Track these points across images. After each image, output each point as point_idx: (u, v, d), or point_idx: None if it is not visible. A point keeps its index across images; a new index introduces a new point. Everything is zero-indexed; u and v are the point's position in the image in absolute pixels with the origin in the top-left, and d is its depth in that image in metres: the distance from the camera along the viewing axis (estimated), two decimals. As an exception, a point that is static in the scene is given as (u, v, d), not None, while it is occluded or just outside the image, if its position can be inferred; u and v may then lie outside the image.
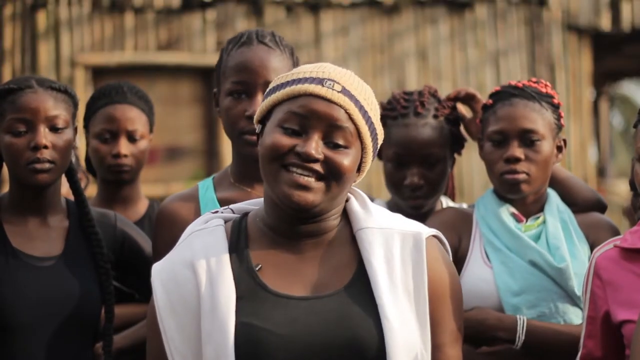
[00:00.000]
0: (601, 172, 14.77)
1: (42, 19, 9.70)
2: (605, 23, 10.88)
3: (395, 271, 1.98)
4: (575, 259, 2.83)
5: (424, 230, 2.05)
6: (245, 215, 2.11)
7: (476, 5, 10.61)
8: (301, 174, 1.95)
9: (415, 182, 3.05)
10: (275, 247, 2.03)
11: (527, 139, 2.85)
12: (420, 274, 1.99)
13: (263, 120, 2.06)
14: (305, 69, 2.04)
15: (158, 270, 2.03)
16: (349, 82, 2.02)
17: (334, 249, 2.04)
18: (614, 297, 2.36)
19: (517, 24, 10.74)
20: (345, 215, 2.08)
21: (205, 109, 9.89)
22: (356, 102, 2.00)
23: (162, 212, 2.64)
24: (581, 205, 3.00)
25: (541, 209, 2.94)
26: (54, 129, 2.71)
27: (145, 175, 3.86)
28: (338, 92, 1.99)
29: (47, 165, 2.68)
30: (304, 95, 1.99)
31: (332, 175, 1.97)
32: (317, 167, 1.96)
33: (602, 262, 2.42)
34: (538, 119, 2.86)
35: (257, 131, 2.07)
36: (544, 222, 2.91)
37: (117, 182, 3.47)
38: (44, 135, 2.68)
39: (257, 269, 2.00)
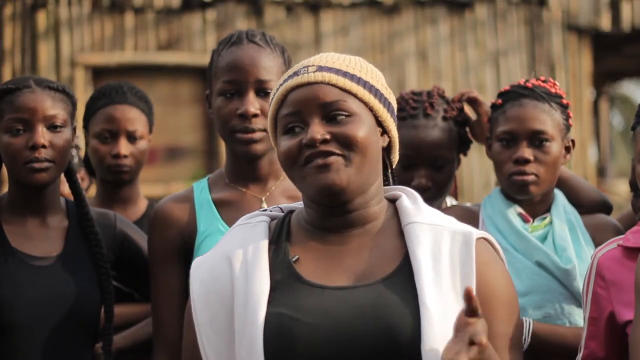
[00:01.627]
0: (601, 172, 14.77)
1: (42, 19, 9.70)
2: (605, 23, 10.89)
3: (442, 267, 1.92)
4: (582, 260, 2.82)
5: (475, 231, 2.00)
6: (290, 212, 2.10)
7: (476, 5, 10.61)
8: (317, 158, 1.94)
9: (423, 184, 3.04)
10: (317, 240, 2.00)
11: (537, 140, 2.85)
12: (469, 273, 1.93)
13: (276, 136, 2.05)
14: (288, 71, 2.05)
15: (198, 264, 2.02)
16: (325, 60, 2.01)
17: (379, 240, 2.00)
18: (619, 297, 2.35)
19: (517, 24, 10.74)
20: (395, 210, 2.04)
21: (205, 108, 9.88)
22: (337, 71, 1.98)
23: (157, 213, 2.65)
24: (586, 206, 2.99)
25: (548, 210, 2.93)
26: (52, 128, 2.70)
27: (145, 175, 3.86)
28: (313, 72, 1.98)
29: (45, 164, 2.68)
30: (287, 94, 1.99)
31: (347, 147, 1.94)
32: (330, 147, 1.94)
33: (604, 263, 2.41)
34: (547, 119, 2.86)
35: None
36: (551, 222, 2.90)
37: (117, 182, 3.47)
38: (42, 135, 2.68)
39: (293, 260, 1.98)
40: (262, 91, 2.59)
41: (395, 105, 2.07)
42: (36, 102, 2.69)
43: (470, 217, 2.94)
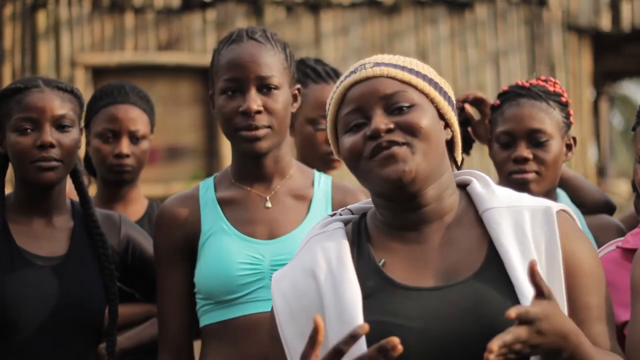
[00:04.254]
0: (601, 172, 14.76)
1: (42, 19, 9.70)
2: (605, 23, 10.89)
3: (528, 248, 1.89)
4: (585, 261, 2.82)
5: (553, 205, 1.96)
6: (364, 215, 2.04)
7: (476, 5, 10.61)
8: (384, 149, 1.90)
9: None
10: (397, 241, 1.95)
11: (535, 139, 2.85)
12: (554, 249, 1.90)
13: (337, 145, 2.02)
14: (345, 73, 2.04)
15: (278, 279, 1.98)
16: (381, 58, 2.00)
17: (459, 232, 1.95)
18: (617, 298, 2.34)
19: (517, 24, 10.74)
20: (468, 197, 2.01)
21: (205, 109, 9.89)
22: (395, 66, 1.97)
23: (162, 213, 2.64)
24: (589, 206, 2.98)
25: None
26: (60, 127, 2.71)
27: (145, 175, 3.86)
28: (371, 67, 1.97)
29: (53, 164, 2.68)
30: (346, 92, 1.97)
31: (413, 135, 1.91)
32: (394, 136, 1.90)
33: (604, 264, 2.41)
34: (545, 118, 2.86)
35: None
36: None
37: (118, 182, 3.47)
38: (50, 134, 2.68)
39: (380, 264, 1.93)
40: (264, 87, 2.56)
41: (454, 100, 2.05)
42: (44, 101, 2.69)
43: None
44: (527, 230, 1.91)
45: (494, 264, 1.89)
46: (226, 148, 9.70)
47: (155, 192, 8.23)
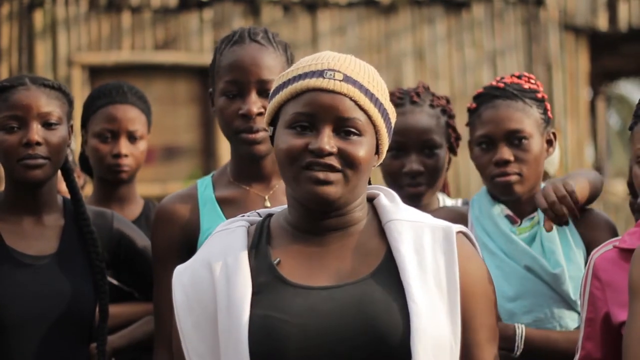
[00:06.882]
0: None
1: (39, 18, 9.69)
2: (602, 23, 10.89)
3: (426, 262, 1.95)
4: (571, 262, 2.81)
5: (454, 226, 2.02)
6: (269, 216, 2.10)
7: (473, 4, 10.61)
8: (319, 170, 1.94)
9: (415, 169, 3.03)
10: (299, 242, 2.01)
11: (515, 139, 2.84)
12: (452, 267, 1.96)
13: (273, 121, 2.05)
14: (305, 63, 2.02)
15: (180, 272, 2.04)
16: (350, 68, 1.99)
17: (360, 240, 2.01)
18: (614, 298, 2.35)
19: (514, 23, 10.74)
20: (373, 209, 2.07)
21: (202, 108, 9.89)
22: (360, 87, 1.98)
23: (160, 211, 2.64)
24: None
25: (535, 209, 2.92)
26: (46, 125, 2.70)
27: (142, 174, 3.86)
28: (340, 81, 1.96)
29: (40, 161, 2.68)
30: (307, 91, 1.97)
31: (349, 166, 1.96)
32: (333, 160, 1.94)
33: (601, 263, 2.41)
34: (523, 117, 2.85)
35: (269, 134, 2.07)
36: (539, 222, 2.89)
37: (115, 181, 3.47)
38: (36, 132, 2.68)
39: (275, 262, 1.98)
40: (265, 91, 2.57)
41: (393, 123, 2.08)
42: (30, 99, 2.69)
43: (458, 219, 2.92)
44: (426, 245, 1.97)
45: (387, 270, 1.96)
46: (223, 147, 9.69)
47: (152, 192, 8.23)
